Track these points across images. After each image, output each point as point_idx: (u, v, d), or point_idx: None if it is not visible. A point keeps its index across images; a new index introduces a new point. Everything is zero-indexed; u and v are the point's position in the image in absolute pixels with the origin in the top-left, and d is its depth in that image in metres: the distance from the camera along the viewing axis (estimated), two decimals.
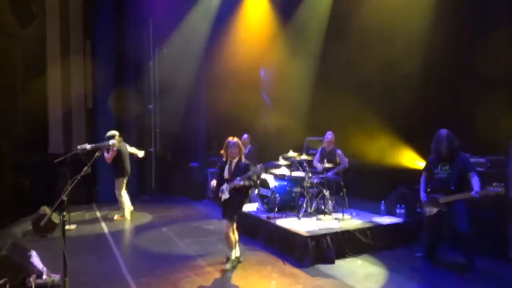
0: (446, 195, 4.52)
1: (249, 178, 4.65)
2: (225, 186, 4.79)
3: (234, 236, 4.87)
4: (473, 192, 4.30)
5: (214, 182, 4.97)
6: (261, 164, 4.75)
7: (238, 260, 4.98)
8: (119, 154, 7.33)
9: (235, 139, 4.83)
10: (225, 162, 4.90)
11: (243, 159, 4.84)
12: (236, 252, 4.97)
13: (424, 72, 6.37)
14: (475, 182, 4.37)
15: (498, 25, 5.36)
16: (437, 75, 6.31)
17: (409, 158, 6.46)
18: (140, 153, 7.92)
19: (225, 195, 4.77)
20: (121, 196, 7.59)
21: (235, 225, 4.85)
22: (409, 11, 6.41)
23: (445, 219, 4.63)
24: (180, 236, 6.39)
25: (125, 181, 7.63)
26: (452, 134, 4.63)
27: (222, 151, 4.89)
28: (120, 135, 7.27)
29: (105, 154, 7.13)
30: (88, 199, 9.19)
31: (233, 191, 4.72)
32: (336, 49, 8.12)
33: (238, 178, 4.63)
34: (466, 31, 5.79)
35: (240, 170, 4.71)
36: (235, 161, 4.81)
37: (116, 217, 7.71)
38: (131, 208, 7.99)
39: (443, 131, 4.66)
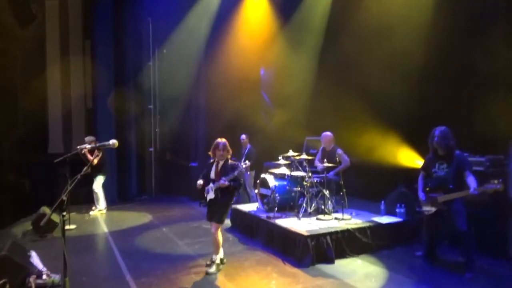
0: (445, 193, 4.49)
1: (235, 179, 4.65)
2: (210, 186, 4.77)
3: (219, 238, 4.82)
4: (471, 190, 4.24)
5: (200, 182, 4.88)
6: (246, 161, 4.76)
7: (222, 262, 4.95)
8: (102, 155, 7.99)
9: (223, 140, 4.80)
10: (212, 163, 4.89)
11: (230, 160, 4.82)
12: (221, 254, 4.95)
13: (424, 71, 6.36)
14: (471, 180, 4.32)
15: (498, 24, 5.36)
16: (437, 74, 6.30)
17: (408, 158, 6.46)
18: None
19: (210, 195, 4.76)
20: (99, 189, 8.15)
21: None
22: (409, 11, 6.41)
23: (444, 218, 4.62)
24: (180, 236, 6.39)
25: (104, 178, 8.22)
26: (447, 131, 4.58)
27: (210, 152, 4.88)
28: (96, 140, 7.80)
29: (89, 157, 7.60)
30: (88, 199, 9.18)
31: (219, 191, 4.69)
32: (336, 49, 8.12)
33: (223, 178, 4.62)
34: (466, 30, 5.78)
35: (226, 170, 4.70)
36: (222, 162, 4.80)
37: (92, 212, 8.11)
38: (102, 210, 8.23)
39: (438, 128, 4.63)
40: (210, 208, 4.82)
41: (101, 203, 8.15)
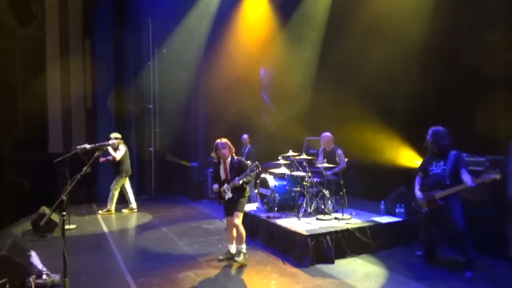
0: (442, 190, 4.51)
1: (247, 176, 4.84)
2: (226, 187, 4.95)
3: (241, 228, 5.01)
4: (469, 183, 4.25)
5: (216, 186, 5.11)
6: (256, 162, 4.87)
7: (233, 256, 5.10)
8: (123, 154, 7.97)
9: (223, 140, 4.98)
10: (218, 163, 5.09)
11: (235, 157, 5.01)
12: (234, 249, 5.12)
13: (424, 71, 6.36)
14: (466, 177, 4.33)
15: (498, 25, 5.36)
16: (437, 74, 6.30)
17: (408, 158, 6.46)
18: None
19: (228, 195, 4.94)
20: (116, 191, 8.11)
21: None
22: (410, 10, 6.40)
23: (441, 217, 4.63)
24: (180, 236, 6.39)
25: (125, 179, 8.19)
26: (440, 131, 4.61)
27: (212, 154, 5.09)
28: (121, 137, 7.98)
29: (113, 154, 7.68)
30: (88, 199, 9.19)
31: (234, 190, 4.91)
32: (336, 49, 8.11)
33: (237, 178, 4.82)
34: (466, 30, 5.78)
35: (234, 167, 4.92)
36: (228, 160, 4.97)
37: (102, 211, 8.13)
38: (135, 208, 8.23)
39: (432, 127, 4.68)
40: (229, 205, 5.03)
41: (113, 204, 8.14)
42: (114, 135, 7.79)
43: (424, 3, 6.25)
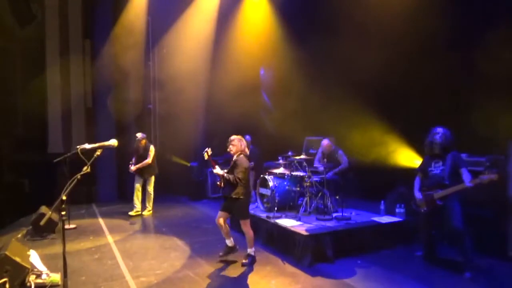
0: (441, 190, 4.52)
1: (232, 172, 4.91)
2: (218, 169, 4.99)
3: (250, 232, 5.07)
4: (466, 183, 4.28)
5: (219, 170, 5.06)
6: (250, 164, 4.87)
7: (232, 250, 5.21)
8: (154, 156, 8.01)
9: (233, 136, 5.07)
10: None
11: (240, 156, 4.98)
12: (231, 242, 5.20)
13: (424, 71, 6.36)
14: (466, 176, 4.36)
15: (499, 25, 5.36)
16: (437, 74, 6.30)
17: (408, 158, 6.46)
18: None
19: (217, 170, 4.98)
20: (152, 190, 8.16)
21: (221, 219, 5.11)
22: (409, 10, 6.40)
23: (441, 217, 4.63)
24: (180, 236, 6.39)
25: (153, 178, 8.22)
26: (447, 132, 4.64)
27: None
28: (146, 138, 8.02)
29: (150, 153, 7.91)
30: (88, 198, 9.18)
31: (222, 180, 4.96)
32: (336, 49, 8.10)
33: (225, 171, 4.93)
34: (466, 30, 5.78)
35: (232, 164, 4.98)
36: (235, 156, 5.01)
37: (145, 212, 8.12)
38: (139, 210, 8.14)
39: (439, 127, 4.70)
40: (225, 201, 5.07)
41: (151, 203, 8.19)
42: (139, 134, 7.89)
43: (424, 3, 6.25)
